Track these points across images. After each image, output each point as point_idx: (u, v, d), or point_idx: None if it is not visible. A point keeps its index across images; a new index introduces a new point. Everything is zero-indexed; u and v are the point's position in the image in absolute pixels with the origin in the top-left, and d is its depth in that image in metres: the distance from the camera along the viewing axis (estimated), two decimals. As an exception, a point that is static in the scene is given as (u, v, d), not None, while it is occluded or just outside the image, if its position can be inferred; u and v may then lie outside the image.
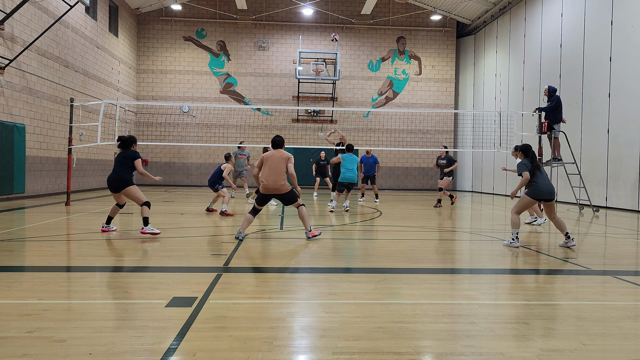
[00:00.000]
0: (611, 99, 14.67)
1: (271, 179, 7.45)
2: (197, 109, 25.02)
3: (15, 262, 5.78)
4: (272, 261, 5.96)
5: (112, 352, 2.91)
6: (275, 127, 25.49)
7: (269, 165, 7.51)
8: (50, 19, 15.72)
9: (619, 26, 14.42)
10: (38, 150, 15.44)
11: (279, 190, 7.50)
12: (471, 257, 6.86)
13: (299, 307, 3.97)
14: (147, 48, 25.22)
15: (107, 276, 5.06)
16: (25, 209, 11.80)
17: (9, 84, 13.82)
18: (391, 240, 7.81)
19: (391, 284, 4.79)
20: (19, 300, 3.97)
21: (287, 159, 7.56)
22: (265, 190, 7.53)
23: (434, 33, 26.22)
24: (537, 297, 4.52)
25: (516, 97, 20.87)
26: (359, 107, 25.69)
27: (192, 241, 7.28)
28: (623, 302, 4.27)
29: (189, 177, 25.41)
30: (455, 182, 26.85)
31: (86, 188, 19.12)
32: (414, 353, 2.99)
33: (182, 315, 3.61)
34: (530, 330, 3.44)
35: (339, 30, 25.77)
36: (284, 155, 7.56)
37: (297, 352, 3.00)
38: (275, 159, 7.54)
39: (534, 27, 19.58)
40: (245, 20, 25.39)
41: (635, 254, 6.90)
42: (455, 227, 9.67)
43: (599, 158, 15.13)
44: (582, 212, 13.20)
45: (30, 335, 3.16)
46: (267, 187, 7.49)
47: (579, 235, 9.03)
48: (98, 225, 8.94)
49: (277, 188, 7.48)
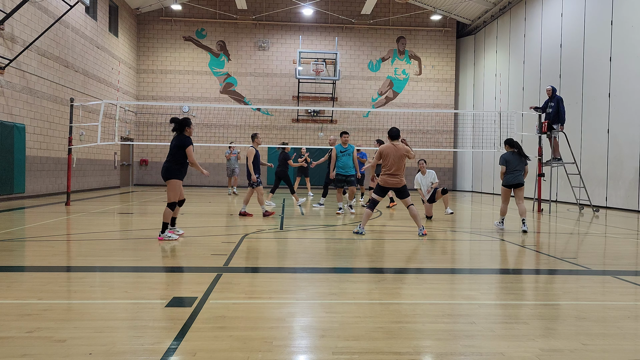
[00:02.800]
0: (611, 99, 14.67)
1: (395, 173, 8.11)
2: (197, 109, 25.02)
3: (15, 262, 5.78)
4: (272, 261, 5.96)
5: (112, 352, 2.91)
6: (275, 127, 25.50)
7: (392, 159, 8.06)
8: (50, 19, 15.72)
9: (619, 26, 14.42)
10: (38, 150, 15.44)
11: (398, 184, 8.12)
12: (471, 257, 6.86)
13: (299, 307, 3.97)
14: (147, 48, 25.22)
15: (107, 276, 5.06)
16: (25, 209, 11.80)
17: (9, 84, 13.82)
18: (391, 240, 7.81)
19: (391, 284, 4.79)
20: (19, 300, 3.97)
21: (407, 152, 8.14)
22: (386, 184, 8.09)
23: (434, 33, 26.22)
24: (537, 297, 4.52)
25: (516, 97, 20.87)
26: (359, 107, 25.69)
27: (192, 241, 7.28)
28: (623, 302, 4.27)
29: (189, 177, 25.39)
30: (456, 182, 26.85)
31: (86, 188, 19.12)
32: (414, 353, 2.99)
33: (182, 315, 3.61)
34: (530, 330, 3.44)
35: (339, 31, 25.78)
36: (403, 150, 8.11)
37: (297, 352, 3.00)
38: (399, 153, 8.10)
39: (534, 27, 19.58)
40: (245, 20, 25.39)
41: (635, 254, 6.90)
42: (455, 227, 9.67)
43: (599, 158, 15.13)
44: (582, 212, 13.20)
45: (30, 335, 3.16)
46: (388, 181, 8.08)
47: (579, 236, 9.04)
48: (98, 225, 8.94)
49: (397, 182, 8.12)
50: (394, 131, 8.20)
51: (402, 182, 8.16)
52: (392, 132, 8.20)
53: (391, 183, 8.10)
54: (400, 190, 8.20)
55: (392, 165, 8.04)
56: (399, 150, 8.07)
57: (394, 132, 8.19)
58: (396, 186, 8.12)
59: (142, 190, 20.85)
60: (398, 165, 8.06)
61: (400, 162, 8.08)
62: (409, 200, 8.22)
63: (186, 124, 7.59)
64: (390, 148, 8.11)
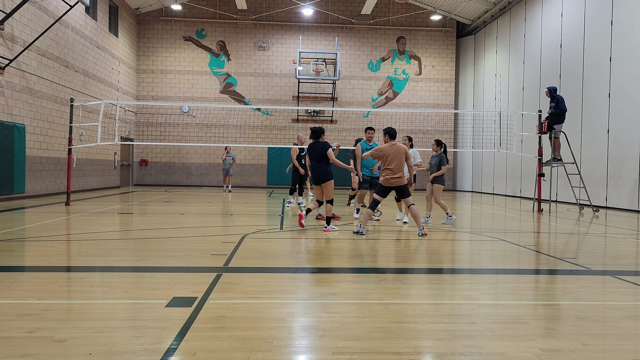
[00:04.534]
0: (611, 99, 14.67)
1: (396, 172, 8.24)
2: (197, 109, 25.03)
3: (15, 262, 5.78)
4: (272, 261, 5.96)
5: (112, 352, 2.91)
6: (275, 127, 25.50)
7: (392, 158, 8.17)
8: (50, 19, 15.72)
9: (619, 26, 14.42)
10: (38, 150, 15.44)
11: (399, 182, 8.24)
12: (471, 257, 6.86)
13: (299, 307, 3.97)
14: (147, 48, 25.22)
15: (107, 276, 5.06)
16: (25, 209, 11.80)
17: (9, 84, 13.82)
18: (391, 240, 7.81)
19: (391, 284, 4.79)
20: (19, 300, 3.97)
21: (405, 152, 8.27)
22: (388, 183, 8.20)
23: (434, 33, 26.23)
24: (537, 297, 4.52)
25: (516, 97, 20.87)
26: (359, 107, 25.69)
27: (192, 241, 7.28)
28: (623, 302, 4.27)
29: (189, 177, 25.42)
30: (456, 182, 26.86)
31: (86, 188, 19.12)
32: (414, 353, 2.99)
33: (182, 315, 3.60)
34: (530, 330, 3.44)
35: (339, 31, 25.78)
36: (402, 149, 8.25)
37: (297, 352, 3.00)
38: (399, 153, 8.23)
39: (534, 27, 19.58)
40: (245, 20, 25.39)
41: (635, 254, 6.90)
42: (455, 227, 9.67)
43: (599, 158, 15.13)
44: (582, 212, 13.20)
45: (30, 335, 3.16)
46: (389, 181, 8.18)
47: (579, 236, 9.03)
48: (98, 225, 8.94)
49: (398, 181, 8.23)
50: (393, 131, 8.36)
51: (403, 181, 8.23)
52: (391, 132, 8.34)
53: (392, 182, 8.16)
54: (402, 190, 8.28)
55: (392, 165, 8.15)
56: (398, 149, 8.18)
57: (393, 132, 8.36)
58: (398, 185, 8.19)
59: (142, 191, 20.85)
60: (397, 164, 8.14)
61: (400, 161, 8.16)
62: (410, 200, 8.28)
63: (322, 132, 8.88)
64: (389, 148, 8.22)
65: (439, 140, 10.08)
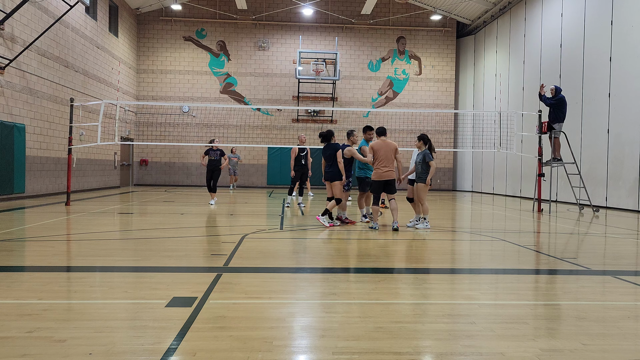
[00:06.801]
0: (611, 99, 14.67)
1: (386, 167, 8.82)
2: (197, 109, 25.02)
3: (15, 262, 5.78)
4: (272, 261, 5.96)
5: (112, 352, 2.91)
6: (275, 127, 25.50)
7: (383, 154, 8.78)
8: (50, 19, 15.72)
9: (619, 26, 14.42)
10: (38, 150, 15.44)
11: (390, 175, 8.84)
12: (471, 257, 6.86)
13: (299, 307, 3.97)
14: (147, 48, 25.22)
15: (107, 276, 5.06)
16: (25, 209, 11.80)
17: (9, 84, 13.82)
18: (391, 240, 7.81)
19: (391, 284, 4.79)
20: (19, 300, 3.97)
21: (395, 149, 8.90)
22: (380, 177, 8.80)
23: (434, 33, 26.22)
24: (537, 297, 4.52)
25: (516, 97, 20.87)
26: (359, 107, 25.69)
27: (192, 241, 7.28)
28: (623, 302, 4.27)
29: (189, 177, 25.42)
30: (456, 182, 26.86)
31: (86, 188, 19.12)
32: (414, 353, 2.99)
33: (182, 315, 3.60)
34: (530, 330, 3.44)
35: (339, 31, 25.78)
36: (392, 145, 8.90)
37: (297, 352, 3.00)
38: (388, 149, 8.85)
39: (534, 27, 19.58)
40: (245, 20, 25.38)
41: (635, 254, 6.90)
42: (455, 227, 9.67)
43: (599, 158, 15.13)
44: (582, 212, 13.20)
45: (30, 335, 3.16)
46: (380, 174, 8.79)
47: (579, 236, 9.03)
48: (98, 225, 8.94)
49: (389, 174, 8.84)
50: (381, 129, 9.06)
51: (393, 175, 8.90)
52: (380, 130, 9.06)
53: (383, 174, 8.81)
54: (389, 183, 8.89)
55: (383, 159, 8.83)
56: (388, 145, 8.87)
57: (381, 129, 9.05)
58: (388, 177, 8.82)
59: (142, 190, 20.85)
60: (387, 158, 8.84)
61: (390, 156, 8.85)
62: (393, 195, 9.00)
63: (331, 134, 9.63)
64: (380, 144, 8.92)
65: (423, 135, 9.25)
